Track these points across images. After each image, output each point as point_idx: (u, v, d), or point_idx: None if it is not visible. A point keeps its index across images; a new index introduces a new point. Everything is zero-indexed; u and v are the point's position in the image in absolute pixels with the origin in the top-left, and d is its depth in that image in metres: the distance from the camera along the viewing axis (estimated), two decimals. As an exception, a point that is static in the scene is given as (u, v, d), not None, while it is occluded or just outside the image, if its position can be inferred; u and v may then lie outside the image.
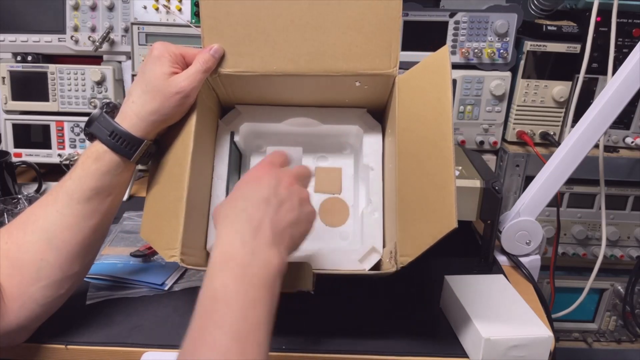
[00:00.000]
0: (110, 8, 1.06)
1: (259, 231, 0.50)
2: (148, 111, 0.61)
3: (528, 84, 1.05)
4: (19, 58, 1.10)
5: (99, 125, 0.61)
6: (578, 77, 1.02)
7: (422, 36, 1.04)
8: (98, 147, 0.61)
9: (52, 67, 1.08)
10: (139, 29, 1.04)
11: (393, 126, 0.67)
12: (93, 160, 0.61)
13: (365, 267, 0.66)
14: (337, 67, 0.66)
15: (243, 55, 0.66)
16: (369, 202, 0.70)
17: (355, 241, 0.73)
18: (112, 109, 0.63)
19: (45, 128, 1.11)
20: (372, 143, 0.73)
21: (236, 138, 0.75)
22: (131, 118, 0.61)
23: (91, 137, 0.62)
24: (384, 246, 0.68)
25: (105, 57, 1.11)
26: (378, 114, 0.76)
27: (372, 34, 0.65)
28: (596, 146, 0.92)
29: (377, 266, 0.67)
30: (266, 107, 0.76)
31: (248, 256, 0.49)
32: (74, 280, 0.62)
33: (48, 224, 0.60)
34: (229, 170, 0.72)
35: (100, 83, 1.08)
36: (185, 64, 0.65)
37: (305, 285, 0.60)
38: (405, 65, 1.03)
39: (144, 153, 0.63)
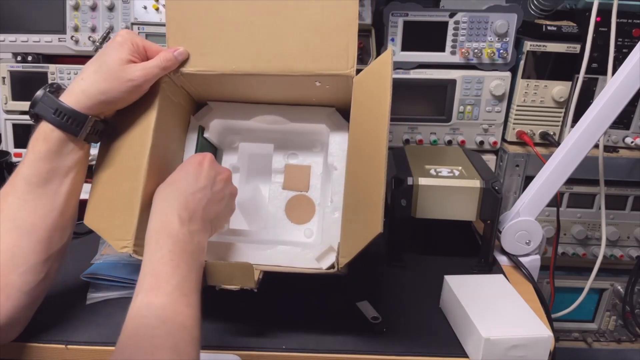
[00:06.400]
0: (111, 8, 1.05)
1: (193, 216, 0.60)
2: (96, 90, 0.62)
3: (528, 84, 1.05)
4: (19, 58, 1.10)
5: (43, 105, 0.61)
6: (578, 77, 1.02)
7: (422, 36, 1.04)
8: (45, 127, 0.61)
9: (52, 67, 1.08)
10: (139, 29, 1.04)
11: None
12: (42, 142, 0.61)
13: (322, 265, 0.67)
14: (294, 67, 0.68)
15: (204, 55, 0.69)
16: (330, 201, 0.71)
17: (317, 239, 0.74)
18: (56, 89, 0.63)
19: (46, 128, 1.11)
20: (338, 142, 0.74)
21: (207, 134, 0.77)
22: (77, 94, 0.62)
23: (36, 118, 0.62)
24: None
25: (105, 57, 1.11)
26: (348, 113, 0.77)
27: (330, 35, 0.67)
28: (596, 146, 0.92)
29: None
30: (238, 104, 0.78)
31: (187, 236, 0.58)
32: (51, 263, 0.62)
33: (13, 211, 0.60)
34: None
35: (100, 83, 1.08)
36: (146, 57, 0.66)
37: (248, 283, 0.62)
38: (405, 65, 1.05)
39: (92, 130, 0.63)
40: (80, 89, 0.62)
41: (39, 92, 0.62)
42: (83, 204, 0.66)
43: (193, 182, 0.62)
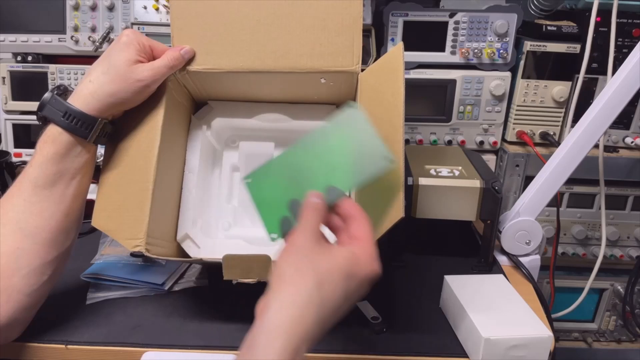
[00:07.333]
0: (111, 8, 1.06)
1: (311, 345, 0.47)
2: (105, 92, 0.61)
3: (528, 84, 1.05)
4: (19, 58, 1.10)
5: (52, 107, 0.60)
6: (578, 77, 1.02)
7: (422, 36, 1.04)
8: (53, 130, 0.61)
9: (52, 67, 1.08)
10: (139, 29, 1.04)
11: None
12: (50, 144, 0.60)
13: None
14: (301, 64, 0.69)
15: (210, 53, 0.69)
16: None
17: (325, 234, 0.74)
18: (63, 91, 0.63)
19: (45, 128, 1.11)
20: None
21: (208, 133, 0.77)
22: (85, 97, 0.61)
23: (44, 121, 0.61)
24: None
25: (105, 57, 1.11)
26: None
27: (335, 33, 0.68)
28: (596, 146, 0.92)
29: None
30: (238, 103, 0.79)
31: None
32: (55, 265, 0.62)
33: (17, 213, 0.60)
34: (200, 164, 0.75)
35: (100, 83, 1.08)
36: (152, 57, 0.66)
37: (266, 276, 0.62)
38: (405, 65, 1.04)
39: (100, 132, 0.63)
40: (88, 91, 0.61)
41: (47, 95, 0.61)
42: (89, 204, 0.65)
43: (343, 301, 0.49)
